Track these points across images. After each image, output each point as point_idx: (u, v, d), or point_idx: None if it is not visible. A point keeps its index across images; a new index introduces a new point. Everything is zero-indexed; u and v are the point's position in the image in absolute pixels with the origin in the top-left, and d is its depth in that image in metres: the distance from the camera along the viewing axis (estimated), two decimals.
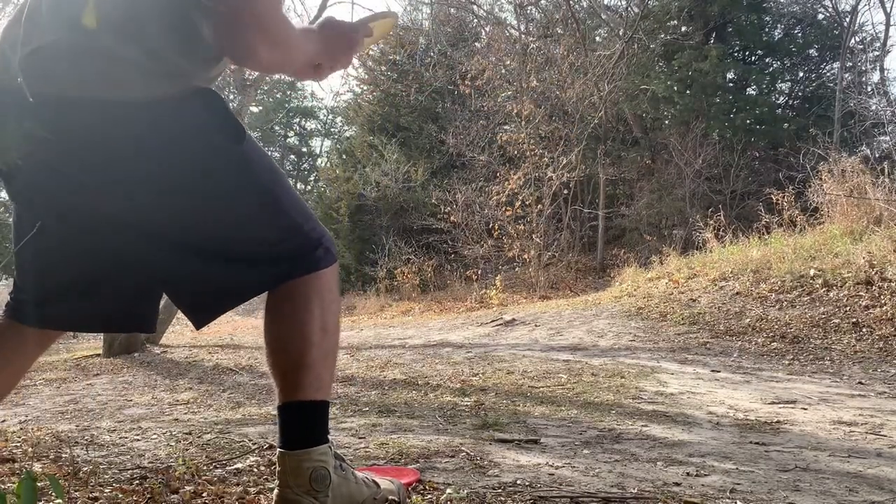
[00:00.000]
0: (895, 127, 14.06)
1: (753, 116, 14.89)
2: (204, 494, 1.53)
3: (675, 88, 14.99)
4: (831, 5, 16.71)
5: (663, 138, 15.10)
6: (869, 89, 15.69)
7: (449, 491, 1.57)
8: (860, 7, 18.26)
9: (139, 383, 5.32)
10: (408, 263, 14.20)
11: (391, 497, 1.41)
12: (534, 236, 12.55)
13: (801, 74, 17.48)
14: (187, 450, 2.19)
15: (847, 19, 16.10)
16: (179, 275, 1.20)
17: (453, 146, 15.07)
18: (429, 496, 1.56)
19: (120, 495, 1.51)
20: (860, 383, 4.03)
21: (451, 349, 6.06)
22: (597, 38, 15.77)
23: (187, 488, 1.57)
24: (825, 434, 2.67)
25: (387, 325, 9.42)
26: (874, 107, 14.50)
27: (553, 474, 1.87)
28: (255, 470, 1.82)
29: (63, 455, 2.09)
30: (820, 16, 16.99)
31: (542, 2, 14.31)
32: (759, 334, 5.72)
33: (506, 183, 12.79)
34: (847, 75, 15.20)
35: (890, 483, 1.90)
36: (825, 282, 6.37)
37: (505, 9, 17.23)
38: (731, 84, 16.40)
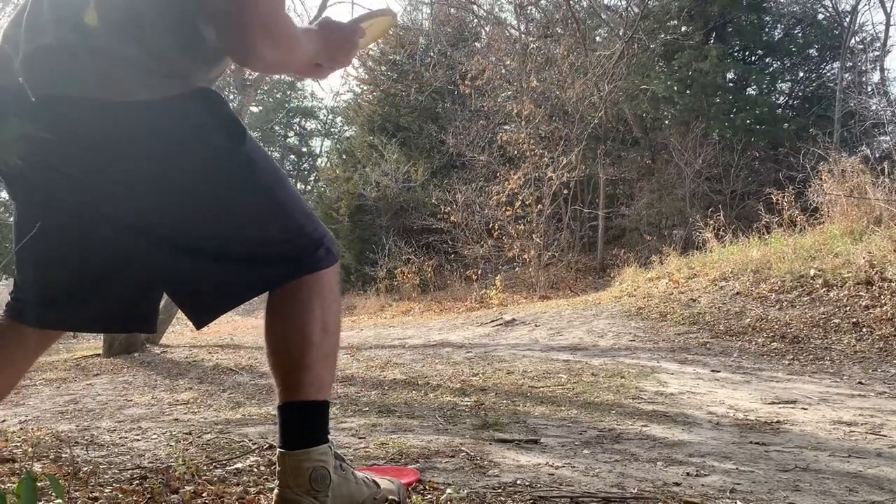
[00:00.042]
0: (895, 127, 14.07)
1: (753, 116, 14.89)
2: (204, 494, 1.53)
3: (675, 88, 14.99)
4: (831, 5, 16.74)
5: (663, 138, 15.10)
6: (869, 89, 15.71)
7: (449, 491, 1.57)
8: (860, 7, 18.32)
9: (139, 383, 5.32)
10: (408, 263, 14.19)
11: (391, 497, 1.41)
12: (534, 236, 12.55)
13: (801, 74, 17.49)
14: (187, 450, 2.19)
15: (847, 19, 16.12)
16: (180, 275, 1.20)
17: (453, 146, 15.07)
18: (429, 496, 1.56)
19: (120, 495, 1.51)
20: (860, 383, 4.03)
21: (451, 349, 6.06)
22: (597, 38, 15.77)
23: (187, 488, 1.57)
24: (825, 434, 2.67)
25: (387, 325, 9.42)
26: (874, 107, 14.50)
27: (553, 474, 1.87)
28: (255, 470, 1.82)
29: (63, 455, 2.09)
30: (820, 16, 17.01)
31: (542, 2, 14.31)
32: (759, 334, 5.72)
33: (506, 183, 12.79)
34: (847, 75, 15.20)
35: (890, 483, 1.90)
36: (825, 282, 6.37)
37: (505, 9, 17.26)
38: (731, 84, 16.40)
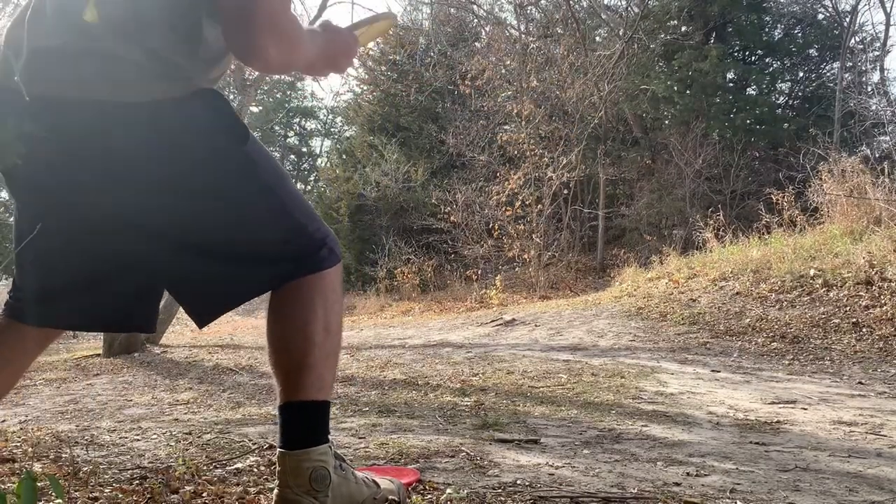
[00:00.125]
0: (895, 127, 14.07)
1: (753, 116, 14.88)
2: (204, 494, 1.53)
3: (675, 88, 14.99)
4: (831, 5, 16.74)
5: (663, 138, 15.10)
6: (869, 89, 15.71)
7: (449, 491, 1.57)
8: (860, 7, 18.31)
9: (139, 383, 5.32)
10: (408, 263, 14.19)
11: (391, 497, 1.41)
12: (534, 236, 12.55)
13: (801, 74, 17.49)
14: (187, 450, 2.19)
15: (847, 19, 16.12)
16: (181, 274, 1.20)
17: (453, 146, 15.07)
18: (429, 496, 1.56)
19: (120, 495, 1.51)
20: (860, 383, 4.03)
21: (451, 349, 6.05)
22: (597, 38, 15.77)
23: (187, 488, 1.57)
24: (825, 434, 2.67)
25: (387, 325, 9.42)
26: (874, 107, 14.50)
27: (553, 474, 1.87)
28: (255, 470, 1.82)
29: (63, 455, 2.09)
30: (820, 16, 17.01)
31: (542, 2, 14.31)
32: (759, 334, 5.72)
33: (506, 183, 12.79)
34: (847, 75, 15.20)
35: (890, 483, 1.90)
36: (825, 282, 6.37)
37: (505, 9, 17.27)
38: (731, 84, 16.40)
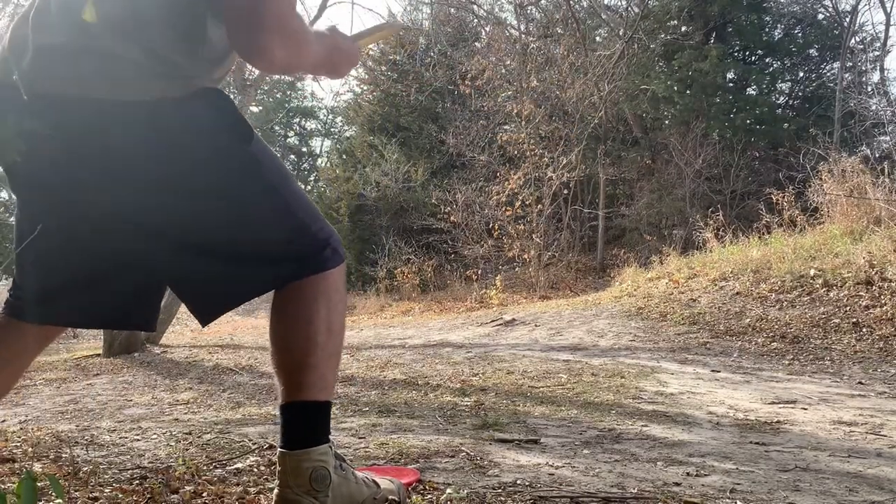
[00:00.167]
0: (895, 127, 14.07)
1: (753, 116, 14.88)
2: (204, 494, 1.53)
3: (675, 88, 14.99)
4: (831, 5, 16.74)
5: (663, 138, 15.10)
6: (869, 89, 15.71)
7: (449, 491, 1.57)
8: (860, 7, 18.30)
9: (139, 383, 5.32)
10: (408, 263, 14.19)
11: (391, 497, 1.41)
12: (534, 236, 12.55)
13: (801, 74, 17.49)
14: (187, 450, 2.19)
15: (847, 19, 16.12)
16: (183, 273, 1.20)
17: (453, 146, 15.07)
18: (429, 496, 1.56)
19: (120, 495, 1.51)
20: (860, 383, 4.03)
21: (451, 349, 6.05)
22: (597, 38, 15.77)
23: (187, 488, 1.57)
24: (825, 434, 2.67)
25: (387, 325, 9.42)
26: (874, 107, 14.50)
27: (553, 474, 1.87)
28: (255, 470, 1.82)
29: (63, 455, 2.09)
30: (820, 16, 17.01)
31: (542, 2, 14.30)
32: (759, 334, 5.72)
33: (506, 183, 12.79)
34: (847, 75, 15.21)
35: (890, 483, 1.90)
36: (825, 282, 6.37)
37: (505, 9, 17.26)
38: (731, 84, 16.40)
